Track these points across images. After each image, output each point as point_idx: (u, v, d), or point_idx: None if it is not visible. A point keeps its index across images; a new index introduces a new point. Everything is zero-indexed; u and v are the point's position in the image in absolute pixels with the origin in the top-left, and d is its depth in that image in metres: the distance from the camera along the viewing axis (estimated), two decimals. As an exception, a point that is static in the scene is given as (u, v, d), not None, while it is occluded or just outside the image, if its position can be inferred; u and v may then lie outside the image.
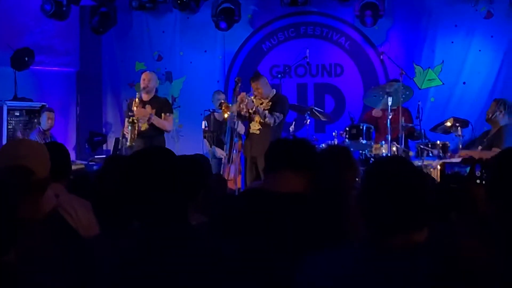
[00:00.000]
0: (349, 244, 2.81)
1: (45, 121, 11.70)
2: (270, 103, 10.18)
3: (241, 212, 3.79)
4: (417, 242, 2.66)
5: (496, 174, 3.22)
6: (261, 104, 10.19)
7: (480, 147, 8.98)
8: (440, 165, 3.87)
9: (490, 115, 8.97)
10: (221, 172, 10.69)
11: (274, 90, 10.51)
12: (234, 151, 10.72)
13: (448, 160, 9.00)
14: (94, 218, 4.10)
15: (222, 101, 11.30)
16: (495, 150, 7.96)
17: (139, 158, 3.11)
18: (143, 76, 10.65)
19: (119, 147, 11.40)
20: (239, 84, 10.54)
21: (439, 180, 6.14)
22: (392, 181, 2.71)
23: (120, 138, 11.07)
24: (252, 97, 10.20)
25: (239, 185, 10.72)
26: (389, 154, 10.00)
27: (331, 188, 4.03)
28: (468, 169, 3.66)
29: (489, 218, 3.17)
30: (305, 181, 3.86)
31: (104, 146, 14.18)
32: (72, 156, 12.05)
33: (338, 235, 3.36)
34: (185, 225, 3.07)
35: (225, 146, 11.00)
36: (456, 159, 8.79)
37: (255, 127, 10.20)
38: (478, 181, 3.58)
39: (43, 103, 12.54)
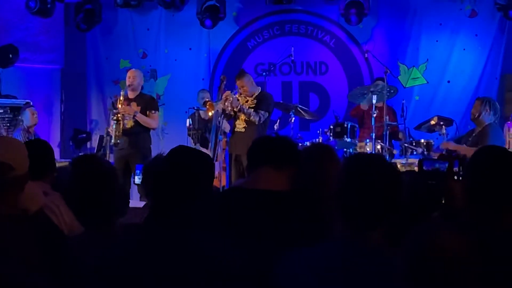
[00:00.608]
0: (328, 239, 2.83)
1: (29, 117, 11.60)
2: (255, 101, 10.18)
3: (223, 210, 3.79)
4: (394, 240, 2.68)
5: (472, 170, 3.24)
6: (246, 102, 10.20)
7: (464, 145, 9.00)
8: (418, 162, 3.87)
9: (477, 115, 8.97)
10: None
11: (259, 88, 10.51)
12: (219, 149, 10.73)
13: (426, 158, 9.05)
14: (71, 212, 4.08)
15: (206, 99, 11.30)
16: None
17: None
18: (129, 73, 10.64)
19: (103, 144, 11.39)
20: (224, 82, 10.55)
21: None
22: (366, 178, 2.73)
23: (104, 136, 11.06)
24: (237, 95, 10.20)
25: (223, 183, 10.73)
26: (373, 152, 10.02)
27: (312, 185, 4.04)
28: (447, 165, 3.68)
29: (465, 213, 3.19)
30: (287, 178, 3.87)
31: (88, 144, 14.14)
32: (56, 153, 12.01)
33: (318, 232, 3.37)
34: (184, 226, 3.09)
35: (209, 144, 10.99)
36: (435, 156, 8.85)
37: (240, 125, 10.19)
38: (455, 177, 3.60)
39: (28, 100, 12.49)
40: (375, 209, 2.69)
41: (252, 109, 10.04)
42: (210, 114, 10.66)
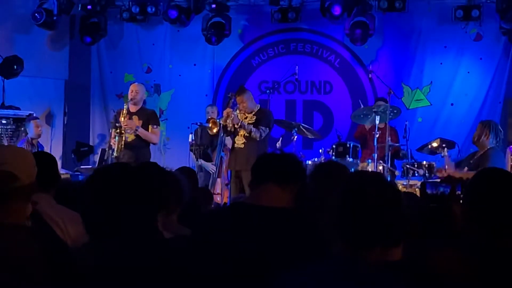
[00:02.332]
0: (327, 257, 2.81)
1: (33, 129, 11.62)
2: (255, 117, 10.19)
3: (224, 226, 3.78)
4: (393, 258, 2.66)
5: (471, 192, 3.24)
6: (245, 118, 10.20)
7: (466, 169, 8.99)
8: (421, 185, 3.87)
9: (476, 138, 8.97)
10: (210, 186, 10.68)
11: (259, 105, 10.52)
12: (222, 166, 10.75)
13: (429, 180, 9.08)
14: (83, 231, 4.06)
15: (210, 117, 11.32)
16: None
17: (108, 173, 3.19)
18: (131, 87, 10.66)
19: (105, 157, 11.38)
20: (232, 100, 10.51)
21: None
22: (364, 196, 2.71)
23: (107, 149, 11.05)
24: (237, 112, 10.21)
25: (225, 199, 10.72)
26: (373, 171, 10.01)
27: (320, 201, 4.03)
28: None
29: (465, 235, 3.19)
30: (291, 195, 3.86)
31: (91, 157, 14.14)
32: (58, 165, 11.97)
33: (320, 249, 3.36)
34: (155, 237, 3.10)
35: (215, 160, 10.98)
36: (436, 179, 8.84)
37: (239, 141, 10.19)
38: (458, 200, 3.59)
39: (31, 112, 12.49)
40: (373, 227, 2.67)
41: (252, 125, 10.05)
42: (214, 131, 10.62)
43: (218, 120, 10.57)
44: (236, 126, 10.12)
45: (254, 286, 3.36)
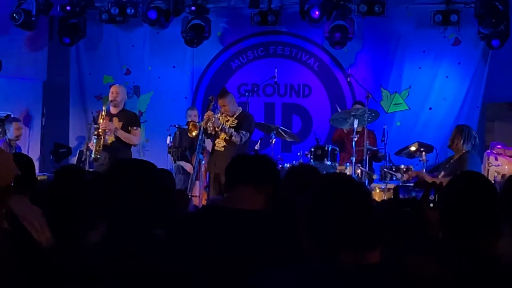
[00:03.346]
0: (301, 259, 2.82)
1: (13, 131, 11.57)
2: (236, 121, 10.19)
3: (197, 229, 3.77)
4: (367, 261, 2.67)
5: (448, 196, 3.25)
6: (227, 121, 10.20)
7: (442, 172, 9.04)
8: (394, 189, 3.90)
9: (450, 143, 9.05)
10: (188, 189, 10.65)
11: (240, 108, 10.51)
12: (202, 168, 10.74)
13: (401, 184, 9.14)
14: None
15: (189, 119, 11.30)
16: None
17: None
18: (112, 89, 10.62)
19: (83, 159, 11.34)
20: (213, 103, 10.49)
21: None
22: (333, 198, 2.72)
23: (84, 151, 11.02)
24: (219, 115, 10.20)
25: (204, 201, 10.70)
26: (353, 176, 10.03)
27: (292, 203, 4.04)
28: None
29: (440, 240, 3.20)
30: (265, 197, 3.86)
31: (69, 158, 14.07)
32: (36, 167, 11.92)
33: (294, 252, 3.37)
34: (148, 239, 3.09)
35: (194, 162, 10.97)
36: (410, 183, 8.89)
37: (220, 144, 10.19)
38: (431, 205, 3.61)
39: (8, 113, 12.44)
40: (342, 228, 2.68)
41: (233, 129, 10.05)
42: (193, 134, 10.59)
43: (198, 123, 10.54)
44: (217, 129, 10.12)
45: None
